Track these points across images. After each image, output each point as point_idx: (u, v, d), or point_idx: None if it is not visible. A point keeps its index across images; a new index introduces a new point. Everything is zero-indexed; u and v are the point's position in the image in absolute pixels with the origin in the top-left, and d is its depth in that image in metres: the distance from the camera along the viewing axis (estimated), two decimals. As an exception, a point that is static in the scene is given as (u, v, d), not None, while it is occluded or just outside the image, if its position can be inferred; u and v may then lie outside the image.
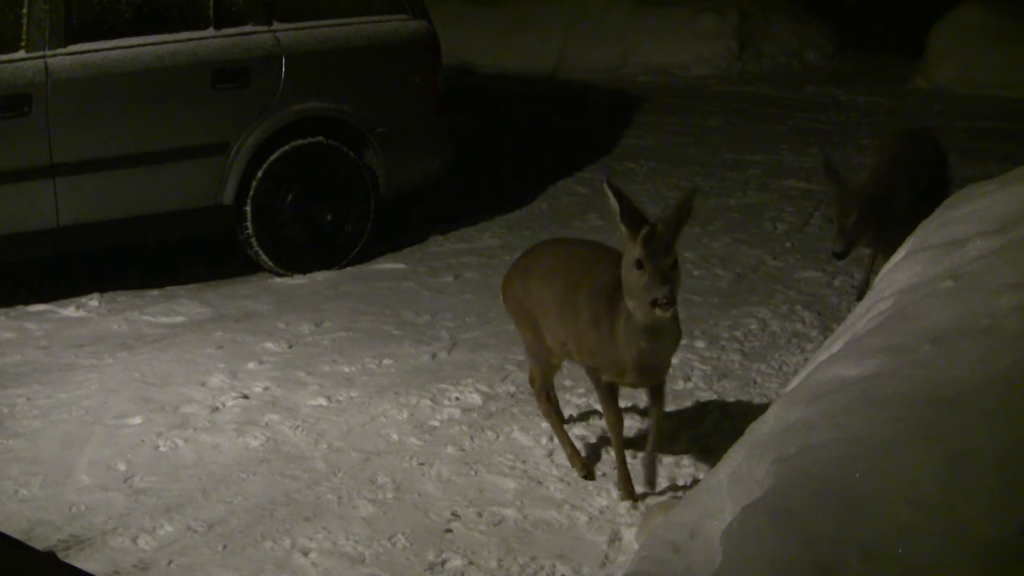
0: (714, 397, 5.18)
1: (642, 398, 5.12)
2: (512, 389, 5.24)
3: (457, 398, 5.18)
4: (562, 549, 4.04)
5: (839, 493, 2.55)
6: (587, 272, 4.24)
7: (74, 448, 4.76)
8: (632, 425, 4.84)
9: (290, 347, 5.78)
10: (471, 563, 3.96)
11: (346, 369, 5.52)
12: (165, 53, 6.46)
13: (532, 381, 4.65)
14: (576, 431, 4.83)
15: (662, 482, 4.45)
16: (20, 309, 6.28)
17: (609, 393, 4.25)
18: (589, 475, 4.50)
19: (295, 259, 6.87)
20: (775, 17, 13.42)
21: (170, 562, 3.97)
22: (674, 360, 5.49)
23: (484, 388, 5.25)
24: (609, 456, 4.59)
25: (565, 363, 4.62)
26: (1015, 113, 10.70)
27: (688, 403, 5.11)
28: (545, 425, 4.87)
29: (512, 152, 9.80)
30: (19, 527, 4.11)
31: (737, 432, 3.70)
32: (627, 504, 4.27)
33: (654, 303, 3.77)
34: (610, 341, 4.06)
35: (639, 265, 3.81)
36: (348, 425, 4.95)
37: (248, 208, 6.70)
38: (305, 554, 4.01)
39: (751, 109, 11.19)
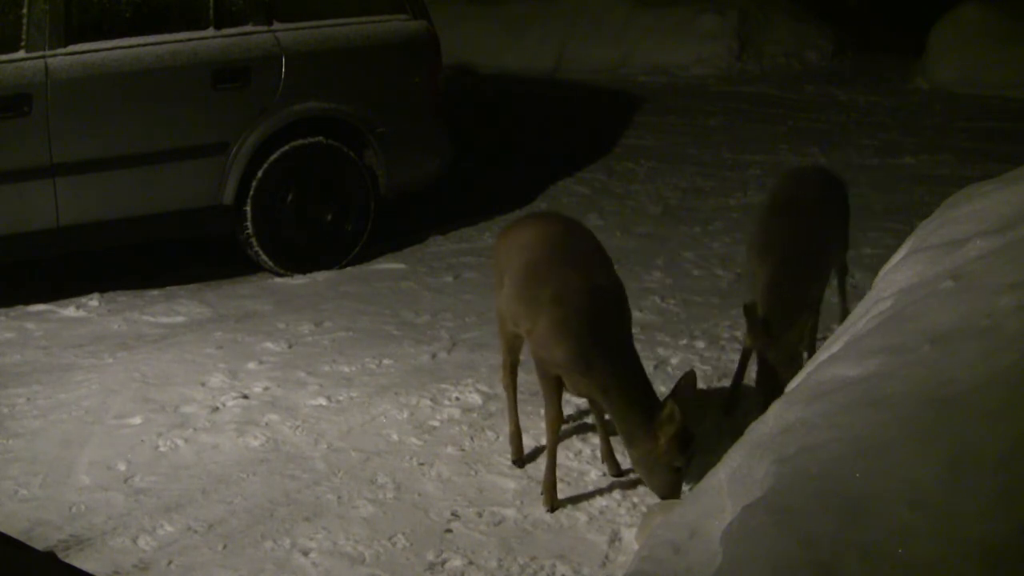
0: (714, 397, 5.17)
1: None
2: (512, 389, 5.24)
3: (457, 398, 5.18)
4: (562, 549, 4.04)
5: (839, 493, 2.55)
6: (559, 270, 4.21)
7: (74, 448, 4.76)
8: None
9: (290, 347, 5.78)
10: (471, 563, 3.96)
11: (346, 369, 5.52)
12: (165, 53, 6.45)
13: (502, 363, 4.64)
14: (570, 428, 4.83)
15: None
16: (20, 309, 6.28)
17: (556, 388, 4.23)
18: (518, 462, 4.60)
19: (295, 259, 6.87)
20: (775, 17, 13.43)
21: (170, 562, 3.97)
22: (674, 360, 5.52)
23: (484, 388, 5.25)
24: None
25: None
26: (1015, 113, 10.70)
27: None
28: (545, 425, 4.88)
29: (512, 152, 9.80)
30: (19, 527, 4.11)
31: (737, 432, 3.71)
32: (549, 509, 4.27)
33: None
34: (561, 342, 4.09)
35: (676, 471, 4.06)
36: (348, 425, 4.95)
37: (248, 208, 6.69)
38: (305, 554, 4.01)
39: (751, 109, 11.19)
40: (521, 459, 4.61)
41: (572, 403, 5.07)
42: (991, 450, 2.54)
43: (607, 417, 4.32)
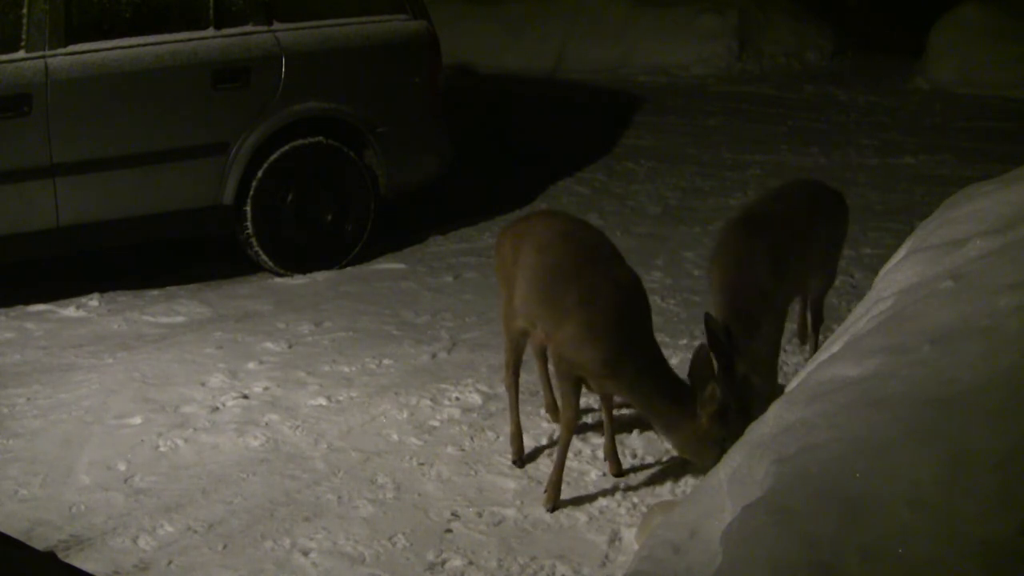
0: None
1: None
2: (512, 389, 5.24)
3: (457, 398, 5.18)
4: (562, 549, 4.04)
5: (839, 493, 2.55)
6: (583, 271, 4.22)
7: (74, 448, 4.76)
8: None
9: (290, 347, 5.78)
10: (471, 563, 3.96)
11: (346, 369, 5.52)
12: (165, 53, 6.45)
13: (505, 363, 4.64)
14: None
15: (660, 479, 4.47)
16: (20, 309, 6.28)
17: (576, 388, 4.25)
18: (519, 462, 4.59)
19: (295, 259, 6.87)
20: (775, 17, 13.43)
21: (170, 562, 3.97)
22: (674, 360, 5.51)
23: (484, 388, 5.25)
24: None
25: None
26: (1015, 113, 10.70)
27: (688, 403, 5.11)
28: (545, 425, 4.88)
29: (512, 152, 9.80)
30: (19, 527, 4.11)
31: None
32: (549, 508, 4.28)
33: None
34: (585, 349, 4.12)
35: (723, 442, 4.04)
36: (348, 425, 4.95)
37: (248, 208, 6.69)
38: (305, 554, 4.01)
39: (751, 109, 11.19)
40: (521, 459, 4.61)
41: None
42: (991, 450, 2.54)
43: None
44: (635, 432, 4.80)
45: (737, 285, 4.47)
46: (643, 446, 4.72)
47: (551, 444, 4.72)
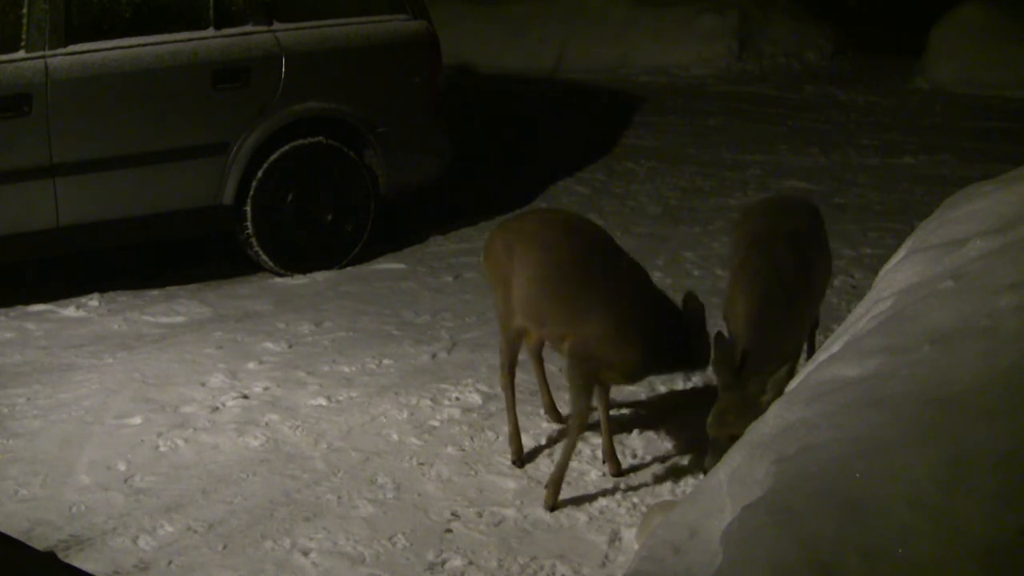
0: (713, 398, 5.16)
1: (639, 392, 5.14)
2: (512, 389, 5.23)
3: (457, 398, 5.18)
4: (562, 549, 4.04)
5: (839, 493, 2.55)
6: (597, 268, 4.24)
7: (74, 448, 4.76)
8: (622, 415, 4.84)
9: (290, 347, 5.78)
10: (471, 563, 3.96)
11: (346, 369, 5.52)
12: (165, 53, 6.45)
13: (501, 363, 4.62)
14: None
15: (660, 479, 4.47)
16: (20, 309, 6.28)
17: (592, 386, 4.25)
18: (518, 462, 4.59)
19: (295, 259, 6.87)
20: (775, 17, 13.42)
21: (170, 562, 3.97)
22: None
23: (484, 388, 5.25)
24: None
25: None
26: (1015, 113, 10.70)
27: (688, 403, 5.11)
28: (545, 425, 4.88)
29: (512, 152, 9.80)
30: (19, 527, 4.11)
31: (737, 432, 3.70)
32: (549, 507, 4.29)
33: None
34: (621, 348, 4.14)
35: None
36: (348, 425, 4.95)
37: (248, 208, 6.69)
38: (305, 554, 4.01)
39: (751, 109, 11.19)
40: (521, 459, 4.61)
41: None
42: (991, 450, 2.54)
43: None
44: (635, 432, 4.81)
45: (769, 308, 4.23)
46: (643, 446, 4.72)
47: (551, 444, 4.73)
